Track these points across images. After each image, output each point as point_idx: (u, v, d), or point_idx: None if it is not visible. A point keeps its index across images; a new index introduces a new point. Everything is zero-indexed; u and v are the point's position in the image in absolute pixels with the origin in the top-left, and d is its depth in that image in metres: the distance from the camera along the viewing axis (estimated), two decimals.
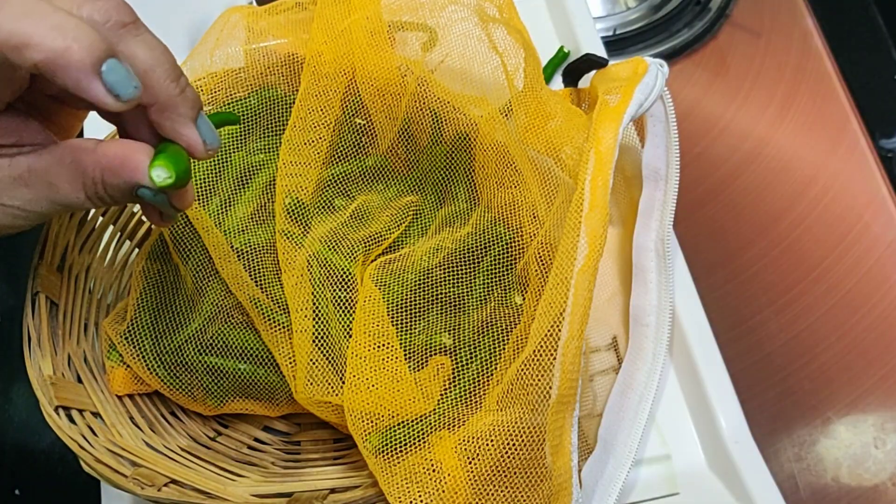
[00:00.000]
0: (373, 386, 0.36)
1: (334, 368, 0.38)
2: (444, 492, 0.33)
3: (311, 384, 0.37)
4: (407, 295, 0.39)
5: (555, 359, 0.34)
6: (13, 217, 0.28)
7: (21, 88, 0.28)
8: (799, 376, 0.53)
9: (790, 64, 0.64)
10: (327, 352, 0.38)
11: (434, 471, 0.34)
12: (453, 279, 0.40)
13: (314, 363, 0.37)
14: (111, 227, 0.44)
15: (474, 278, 0.40)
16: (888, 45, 0.66)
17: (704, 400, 0.45)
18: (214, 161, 0.42)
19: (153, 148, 0.28)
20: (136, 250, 0.47)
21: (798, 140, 0.61)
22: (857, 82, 0.63)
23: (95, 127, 0.36)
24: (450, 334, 0.39)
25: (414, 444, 0.35)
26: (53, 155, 0.28)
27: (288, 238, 0.40)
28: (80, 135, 0.57)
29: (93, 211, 0.43)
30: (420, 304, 0.39)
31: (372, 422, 0.36)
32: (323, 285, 0.39)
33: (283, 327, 0.39)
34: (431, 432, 0.35)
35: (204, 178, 0.42)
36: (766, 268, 0.56)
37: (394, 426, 0.36)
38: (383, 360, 0.37)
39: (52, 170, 0.28)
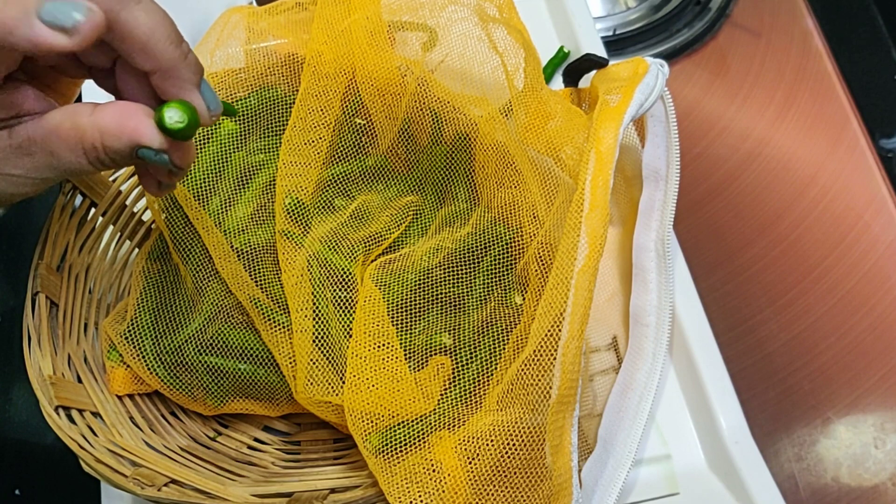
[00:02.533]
0: (373, 386, 0.36)
1: (334, 368, 0.38)
2: (444, 492, 0.33)
3: (312, 384, 0.37)
4: (407, 295, 0.39)
5: (555, 359, 0.34)
6: (19, 185, 0.28)
7: (16, 62, 0.28)
8: (799, 376, 0.53)
9: (790, 64, 0.64)
10: (327, 352, 0.38)
11: (434, 471, 0.34)
12: (453, 279, 0.40)
13: (314, 363, 0.37)
14: (111, 227, 0.44)
15: (474, 278, 0.40)
16: (888, 45, 0.66)
17: (704, 400, 0.45)
18: (214, 161, 0.42)
19: (151, 109, 0.28)
20: (136, 250, 0.47)
21: (798, 140, 0.61)
22: (856, 82, 0.63)
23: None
24: (450, 334, 0.39)
25: (414, 444, 0.35)
26: (52, 122, 0.28)
27: (288, 238, 0.40)
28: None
29: (93, 210, 0.43)
30: (420, 304, 0.39)
31: (372, 422, 0.36)
32: (323, 285, 0.39)
33: (283, 327, 0.39)
34: (431, 432, 0.35)
35: (204, 178, 0.42)
36: (766, 268, 0.56)
37: (394, 426, 0.36)
38: (383, 360, 0.37)
39: (51, 137, 0.27)
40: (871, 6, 0.67)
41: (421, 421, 0.36)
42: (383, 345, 0.37)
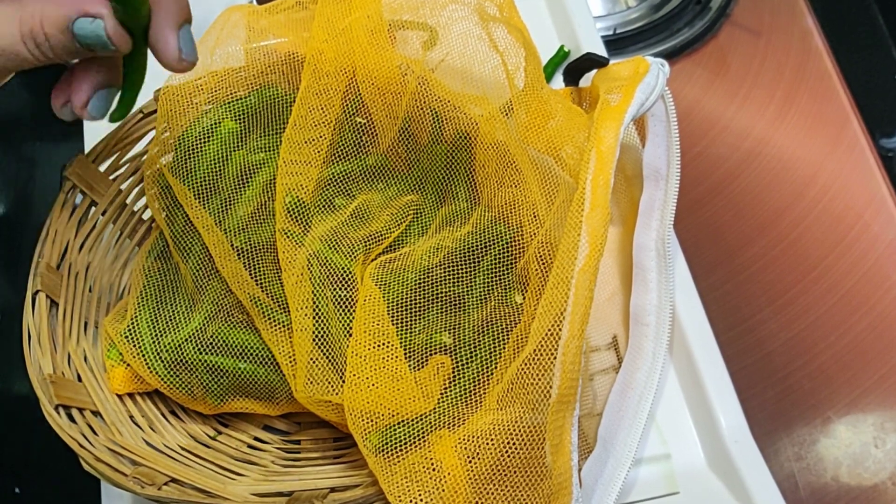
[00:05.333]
0: (373, 385, 0.36)
1: (334, 367, 0.38)
2: (444, 491, 0.33)
3: (311, 383, 0.37)
4: (407, 294, 0.39)
5: (555, 358, 0.34)
6: None
7: None
8: (799, 375, 0.53)
9: (790, 63, 0.64)
10: (327, 351, 0.38)
11: (434, 470, 0.34)
12: (453, 278, 0.40)
13: (314, 362, 0.37)
14: (111, 226, 0.44)
15: (474, 277, 0.40)
16: (888, 45, 0.66)
17: (704, 399, 0.45)
18: (215, 160, 0.42)
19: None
20: (136, 249, 0.47)
21: (798, 139, 0.61)
22: (857, 81, 0.63)
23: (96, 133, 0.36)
24: (450, 333, 0.39)
25: (414, 443, 0.35)
26: None
27: (288, 237, 0.40)
28: (81, 136, 0.57)
29: (93, 209, 0.43)
30: (420, 303, 0.39)
31: (372, 421, 0.36)
32: (323, 284, 0.39)
33: (284, 326, 0.39)
34: (431, 431, 0.35)
35: (204, 177, 0.42)
36: (765, 267, 0.56)
37: (394, 425, 0.36)
38: (383, 359, 0.37)
39: None
40: (871, 5, 0.67)
41: (421, 420, 0.36)
42: (383, 344, 0.37)
